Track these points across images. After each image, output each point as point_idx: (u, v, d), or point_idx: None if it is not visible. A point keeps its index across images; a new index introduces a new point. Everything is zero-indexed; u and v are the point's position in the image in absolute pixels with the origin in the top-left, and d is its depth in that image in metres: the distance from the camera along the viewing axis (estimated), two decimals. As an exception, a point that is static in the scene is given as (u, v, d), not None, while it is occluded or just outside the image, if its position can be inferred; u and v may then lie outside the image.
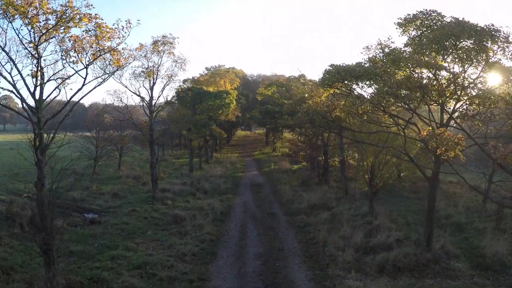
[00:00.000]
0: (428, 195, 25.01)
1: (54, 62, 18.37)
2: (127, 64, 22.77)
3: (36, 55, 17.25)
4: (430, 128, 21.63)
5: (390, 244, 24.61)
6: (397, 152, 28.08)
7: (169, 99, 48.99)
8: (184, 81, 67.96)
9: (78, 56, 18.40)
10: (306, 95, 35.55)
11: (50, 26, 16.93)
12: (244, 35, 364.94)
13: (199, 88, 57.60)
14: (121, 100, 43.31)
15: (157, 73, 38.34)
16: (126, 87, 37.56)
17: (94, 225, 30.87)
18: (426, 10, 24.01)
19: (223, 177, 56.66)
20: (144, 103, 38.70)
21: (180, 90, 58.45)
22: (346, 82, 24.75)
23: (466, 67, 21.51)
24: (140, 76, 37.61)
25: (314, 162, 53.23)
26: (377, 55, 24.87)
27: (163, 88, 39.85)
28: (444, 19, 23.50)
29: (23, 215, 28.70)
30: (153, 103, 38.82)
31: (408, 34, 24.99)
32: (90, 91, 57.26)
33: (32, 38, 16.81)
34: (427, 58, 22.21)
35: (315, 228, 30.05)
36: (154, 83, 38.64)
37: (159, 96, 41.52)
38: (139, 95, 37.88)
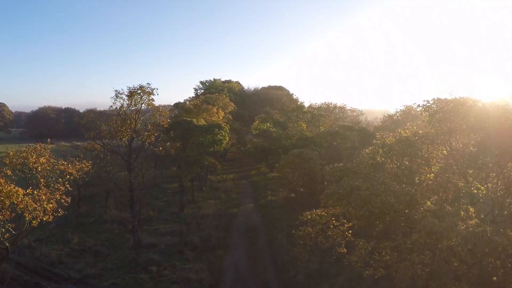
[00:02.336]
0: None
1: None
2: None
3: None
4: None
5: None
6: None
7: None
8: (175, 105, 64.57)
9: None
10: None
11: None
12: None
13: (188, 121, 54.04)
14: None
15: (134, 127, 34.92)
16: (102, 145, 33.98)
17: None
18: None
19: (216, 217, 53.31)
20: (123, 160, 35.12)
21: (166, 125, 55.02)
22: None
23: None
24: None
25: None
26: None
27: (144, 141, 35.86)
28: None
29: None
30: (132, 161, 35.17)
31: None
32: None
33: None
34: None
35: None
36: (132, 138, 35.10)
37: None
38: (118, 153, 34.32)
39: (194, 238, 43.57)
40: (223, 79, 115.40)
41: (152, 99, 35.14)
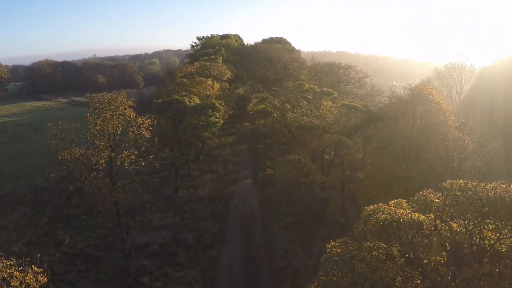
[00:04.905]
0: None
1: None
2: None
3: None
4: None
5: None
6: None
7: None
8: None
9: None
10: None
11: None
12: None
13: (180, 101, 50.55)
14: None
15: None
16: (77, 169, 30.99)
17: None
18: None
19: (211, 201, 51.97)
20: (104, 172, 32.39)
21: (158, 103, 51.84)
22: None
23: None
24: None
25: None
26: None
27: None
28: None
29: None
30: (116, 173, 32.50)
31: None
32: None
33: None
34: None
35: None
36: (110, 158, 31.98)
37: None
38: (97, 168, 31.57)
39: (187, 235, 42.27)
40: (221, 33, 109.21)
41: (130, 111, 31.79)
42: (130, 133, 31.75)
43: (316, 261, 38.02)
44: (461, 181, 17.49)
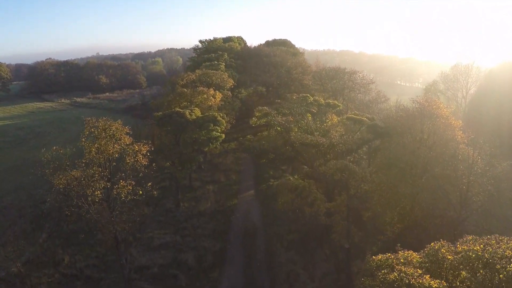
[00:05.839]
0: None
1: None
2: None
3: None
4: None
5: None
6: None
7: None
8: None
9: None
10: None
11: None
12: None
13: (181, 114, 49.43)
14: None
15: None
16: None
17: None
18: None
19: (213, 216, 51.11)
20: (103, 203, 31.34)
21: (158, 116, 50.77)
22: None
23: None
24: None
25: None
26: None
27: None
28: None
29: None
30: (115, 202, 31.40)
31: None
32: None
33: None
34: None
35: None
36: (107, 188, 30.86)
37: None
38: (92, 200, 30.39)
39: (188, 256, 41.33)
40: (224, 31, 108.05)
41: (126, 137, 30.60)
42: (128, 160, 30.52)
43: (319, 284, 37.19)
44: (478, 246, 16.23)
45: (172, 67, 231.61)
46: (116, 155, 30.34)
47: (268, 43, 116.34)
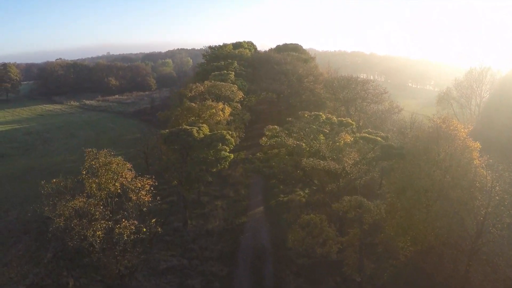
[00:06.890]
0: None
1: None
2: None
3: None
4: None
5: None
6: None
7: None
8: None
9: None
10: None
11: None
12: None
13: (188, 132, 48.17)
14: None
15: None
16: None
17: None
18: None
19: (221, 235, 49.99)
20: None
21: (165, 134, 49.70)
22: None
23: None
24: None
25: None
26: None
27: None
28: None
29: None
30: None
31: None
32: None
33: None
34: None
35: None
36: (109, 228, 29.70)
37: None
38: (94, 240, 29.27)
39: (195, 282, 40.18)
40: (233, 31, 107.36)
41: (127, 173, 29.44)
42: (130, 195, 29.38)
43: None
44: None
45: (182, 68, 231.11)
46: (118, 191, 29.24)
47: (279, 49, 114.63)
